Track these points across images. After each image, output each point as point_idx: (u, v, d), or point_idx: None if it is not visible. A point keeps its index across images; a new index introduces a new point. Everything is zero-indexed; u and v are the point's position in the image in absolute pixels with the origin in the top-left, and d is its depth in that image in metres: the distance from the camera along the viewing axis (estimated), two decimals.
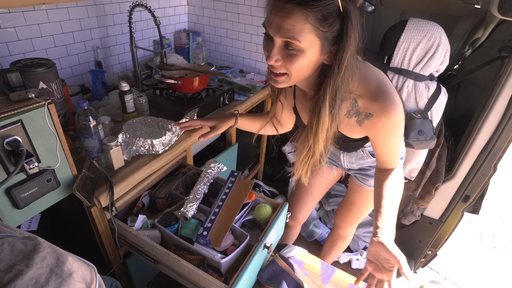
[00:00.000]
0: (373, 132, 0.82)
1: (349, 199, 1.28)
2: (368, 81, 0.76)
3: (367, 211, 1.26)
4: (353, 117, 0.81)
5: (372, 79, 0.77)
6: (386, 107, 0.74)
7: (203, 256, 0.92)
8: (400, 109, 0.75)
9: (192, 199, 1.04)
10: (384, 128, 0.78)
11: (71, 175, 0.91)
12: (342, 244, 1.51)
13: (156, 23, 1.35)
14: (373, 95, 0.75)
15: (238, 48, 1.96)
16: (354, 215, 1.29)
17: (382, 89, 0.75)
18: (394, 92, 0.76)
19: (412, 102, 1.36)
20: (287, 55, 0.68)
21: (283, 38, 0.65)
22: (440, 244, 1.74)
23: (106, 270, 1.14)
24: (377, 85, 0.76)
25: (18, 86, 0.77)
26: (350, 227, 1.37)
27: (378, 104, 0.75)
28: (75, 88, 1.38)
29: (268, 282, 1.02)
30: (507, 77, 1.23)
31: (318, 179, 1.31)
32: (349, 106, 0.79)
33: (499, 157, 1.37)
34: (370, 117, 0.78)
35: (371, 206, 1.22)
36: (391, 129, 0.79)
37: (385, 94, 0.74)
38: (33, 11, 1.22)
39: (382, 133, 0.80)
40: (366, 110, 0.78)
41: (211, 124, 1.11)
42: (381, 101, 0.74)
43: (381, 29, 1.53)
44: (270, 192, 2.20)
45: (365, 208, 1.25)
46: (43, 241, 0.43)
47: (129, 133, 1.12)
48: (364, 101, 0.77)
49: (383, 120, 0.76)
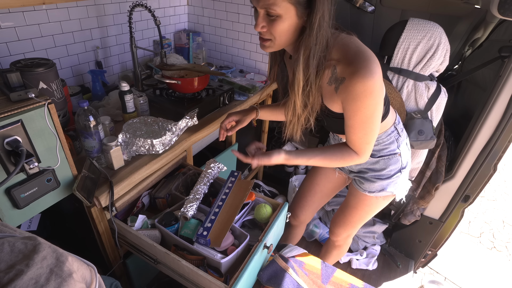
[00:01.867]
0: (345, 100, 0.83)
1: (346, 203, 1.27)
2: (348, 48, 0.81)
3: (361, 218, 1.24)
4: (333, 84, 0.84)
5: (353, 47, 0.80)
6: (357, 71, 0.76)
7: (203, 256, 0.92)
8: (375, 79, 0.76)
9: (192, 199, 1.04)
10: (353, 93, 0.79)
11: (71, 175, 0.91)
12: (336, 253, 1.48)
13: (156, 23, 1.35)
14: (349, 60, 0.78)
15: (238, 48, 1.96)
16: (347, 221, 1.27)
17: (359, 55, 0.78)
18: (374, 61, 0.78)
19: (412, 102, 1.36)
20: (269, 21, 0.79)
21: (263, 8, 0.77)
22: (440, 244, 1.74)
23: (106, 270, 1.14)
24: (355, 51, 0.79)
25: (18, 86, 0.77)
26: (343, 233, 1.33)
27: (352, 67, 0.77)
28: (75, 88, 1.38)
29: (268, 282, 1.02)
30: (507, 77, 1.23)
31: (321, 179, 1.31)
32: (329, 73, 0.83)
33: (499, 157, 1.37)
34: (343, 81, 0.80)
35: (365, 214, 1.21)
36: (359, 95, 0.78)
37: (361, 59, 0.77)
38: (33, 11, 1.22)
39: (350, 99, 0.80)
40: (341, 75, 0.80)
41: (236, 119, 1.17)
42: (355, 65, 0.77)
43: (381, 29, 1.53)
44: (270, 192, 2.20)
45: (360, 215, 1.22)
46: (43, 241, 0.43)
47: (129, 133, 1.12)
48: (341, 66, 0.80)
49: (353, 83, 0.77)
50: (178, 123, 1.19)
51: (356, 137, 0.89)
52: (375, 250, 1.86)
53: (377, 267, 1.82)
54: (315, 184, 1.32)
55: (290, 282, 1.02)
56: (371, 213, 1.21)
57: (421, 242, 1.77)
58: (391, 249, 1.93)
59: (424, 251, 1.79)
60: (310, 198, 1.35)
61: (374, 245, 1.90)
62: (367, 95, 0.78)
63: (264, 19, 0.80)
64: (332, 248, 1.46)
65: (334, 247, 1.45)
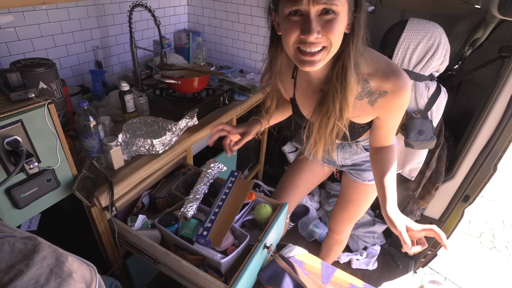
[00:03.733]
0: (385, 111, 0.83)
1: (344, 198, 1.25)
2: (377, 60, 0.78)
3: (363, 208, 1.24)
4: (365, 98, 0.81)
5: (380, 58, 0.79)
6: (400, 84, 0.76)
7: (203, 256, 0.92)
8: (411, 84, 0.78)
9: (192, 199, 1.04)
10: (397, 105, 0.80)
11: (71, 175, 0.91)
12: (339, 248, 1.49)
13: (156, 23, 1.35)
14: (385, 73, 0.77)
15: (238, 48, 1.96)
16: (350, 214, 1.26)
17: (392, 67, 0.78)
18: (404, 71, 0.78)
19: (412, 102, 1.36)
20: (324, 23, 0.66)
21: (321, 5, 0.64)
22: (440, 244, 1.74)
23: (106, 270, 1.14)
24: (386, 64, 0.78)
25: (18, 86, 0.77)
26: (345, 229, 1.34)
27: (392, 81, 0.76)
28: (75, 88, 1.38)
29: (268, 282, 1.02)
30: (507, 77, 1.22)
31: (306, 173, 1.28)
32: (359, 88, 0.80)
33: (499, 157, 1.37)
34: (384, 95, 0.79)
35: (367, 202, 1.21)
36: (403, 104, 0.81)
37: (396, 71, 0.77)
38: (33, 11, 1.22)
39: (394, 109, 0.82)
40: (379, 89, 0.79)
41: (241, 131, 1.07)
42: (394, 78, 0.76)
43: (381, 29, 1.53)
44: (270, 192, 2.20)
45: (362, 205, 1.22)
46: (43, 241, 0.43)
47: (129, 133, 1.12)
48: (376, 80, 0.78)
49: (399, 96, 0.78)
50: (178, 123, 1.19)
51: (393, 133, 0.92)
52: (375, 250, 1.86)
53: (377, 267, 1.82)
54: (298, 179, 1.29)
55: (290, 282, 1.02)
56: (371, 200, 1.22)
57: None
58: (391, 249, 1.93)
59: (424, 251, 1.79)
60: (292, 191, 1.30)
61: (374, 245, 1.90)
62: (408, 99, 0.81)
63: (318, 22, 0.66)
64: (334, 244, 1.46)
65: (336, 243, 1.45)
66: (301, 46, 0.69)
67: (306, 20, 0.66)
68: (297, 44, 0.69)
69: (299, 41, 0.68)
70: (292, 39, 0.69)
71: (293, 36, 0.68)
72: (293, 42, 0.69)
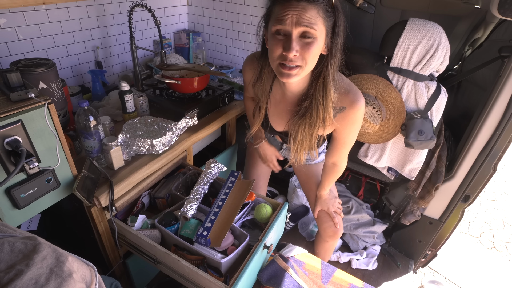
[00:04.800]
0: (342, 124, 0.99)
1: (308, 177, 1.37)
2: (341, 80, 0.95)
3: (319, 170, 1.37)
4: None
5: (343, 79, 0.96)
6: (356, 100, 0.93)
7: (203, 256, 0.92)
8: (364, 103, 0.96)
9: (192, 199, 1.04)
10: (352, 119, 0.97)
11: (71, 175, 0.91)
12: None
13: (156, 23, 1.35)
14: (346, 91, 0.94)
15: (238, 48, 1.96)
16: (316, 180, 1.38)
17: (351, 86, 0.96)
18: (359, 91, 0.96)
19: (412, 102, 1.36)
20: (303, 44, 0.79)
21: (302, 28, 0.76)
22: (440, 244, 1.74)
23: (106, 270, 1.14)
24: (348, 84, 0.96)
25: (18, 86, 0.77)
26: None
27: (350, 98, 0.93)
28: (75, 88, 1.38)
29: (268, 282, 1.02)
30: (507, 77, 1.22)
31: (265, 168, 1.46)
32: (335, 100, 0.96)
33: (499, 157, 1.37)
34: (343, 110, 0.95)
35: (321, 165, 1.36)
36: (357, 120, 0.97)
37: (355, 90, 0.95)
38: (33, 11, 1.22)
39: (349, 124, 0.98)
40: (340, 105, 0.95)
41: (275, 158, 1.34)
42: (352, 95, 0.94)
43: (381, 29, 1.53)
44: (270, 192, 2.20)
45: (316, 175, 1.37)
46: (43, 241, 0.43)
47: (129, 133, 1.12)
48: (338, 96, 0.93)
49: (354, 111, 0.95)
50: (178, 123, 1.19)
51: (346, 151, 1.10)
52: (375, 250, 1.86)
53: (377, 267, 1.82)
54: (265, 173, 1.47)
55: (290, 282, 1.02)
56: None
57: (421, 242, 1.77)
58: (391, 249, 1.93)
59: (424, 251, 1.79)
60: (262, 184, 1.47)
61: (374, 245, 1.89)
62: (361, 117, 0.98)
63: (297, 42, 0.78)
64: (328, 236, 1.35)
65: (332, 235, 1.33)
66: (282, 61, 0.82)
67: (288, 39, 0.79)
68: (280, 59, 0.83)
69: (281, 57, 0.82)
70: (276, 54, 0.82)
71: (277, 52, 0.82)
72: (277, 57, 0.83)
